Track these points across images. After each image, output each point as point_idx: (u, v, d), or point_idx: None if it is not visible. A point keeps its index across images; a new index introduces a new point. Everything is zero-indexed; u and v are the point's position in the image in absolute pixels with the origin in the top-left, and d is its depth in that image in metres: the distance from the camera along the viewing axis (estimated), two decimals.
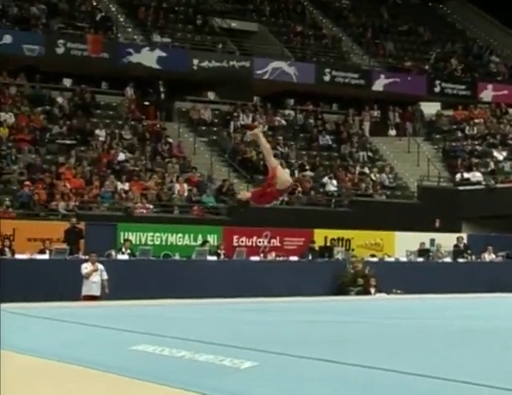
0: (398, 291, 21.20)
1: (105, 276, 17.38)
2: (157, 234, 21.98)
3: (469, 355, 7.88)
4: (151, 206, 24.10)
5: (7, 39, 27.17)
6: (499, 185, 29.79)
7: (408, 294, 20.37)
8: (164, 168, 26.17)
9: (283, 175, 9.79)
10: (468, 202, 28.83)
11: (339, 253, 22.34)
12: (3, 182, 23.44)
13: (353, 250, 24.00)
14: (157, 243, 21.82)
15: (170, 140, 28.00)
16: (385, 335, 9.73)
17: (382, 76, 33.65)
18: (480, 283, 21.86)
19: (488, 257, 24.46)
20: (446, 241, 24.67)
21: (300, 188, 27.02)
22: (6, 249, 18.99)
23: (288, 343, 8.44)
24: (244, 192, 10.61)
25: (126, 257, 19.53)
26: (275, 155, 28.41)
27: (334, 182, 28.01)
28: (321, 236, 23.82)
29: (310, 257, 21.93)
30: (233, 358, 7.07)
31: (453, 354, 7.90)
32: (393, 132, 33.77)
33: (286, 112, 32.08)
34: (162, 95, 29.85)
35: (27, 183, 22.88)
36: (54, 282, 17.41)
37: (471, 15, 41.29)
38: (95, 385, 6.39)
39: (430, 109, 34.74)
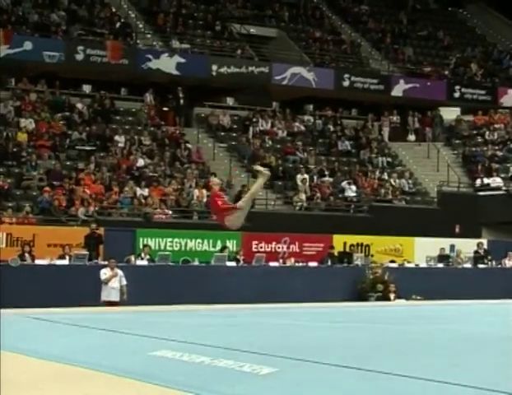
0: (418, 297, 21.11)
1: (124, 282, 17.43)
2: (176, 240, 22.02)
3: (492, 362, 7.85)
4: (170, 212, 24.14)
5: (28, 45, 27.32)
6: None
7: (428, 300, 20.30)
8: (183, 173, 26.22)
9: (237, 220, 9.61)
10: (488, 208, 28.68)
11: (358, 259, 22.27)
12: (23, 188, 23.58)
13: (372, 256, 23.92)
14: (176, 248, 21.85)
15: (189, 145, 28.06)
16: (406, 341, 9.70)
17: (401, 81, 33.55)
18: (500, 289, 21.74)
19: (509, 263, 24.31)
20: (466, 247, 24.57)
21: (318, 194, 27.00)
22: (27, 255, 19.08)
23: (308, 349, 8.43)
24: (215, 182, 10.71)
25: (145, 262, 19.58)
26: (293, 161, 28.59)
27: (353, 187, 27.95)
28: (340, 242, 23.77)
29: (329, 263, 21.89)
30: (252, 364, 7.07)
31: (475, 361, 7.86)
32: (412, 138, 33.64)
33: (305, 117, 32.06)
34: (181, 101, 29.92)
35: (47, 188, 22.99)
36: (74, 288, 17.47)
37: (491, 19, 41.10)
38: (114, 391, 6.41)
39: (449, 114, 34.60)
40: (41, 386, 6.47)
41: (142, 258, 19.80)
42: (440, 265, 22.97)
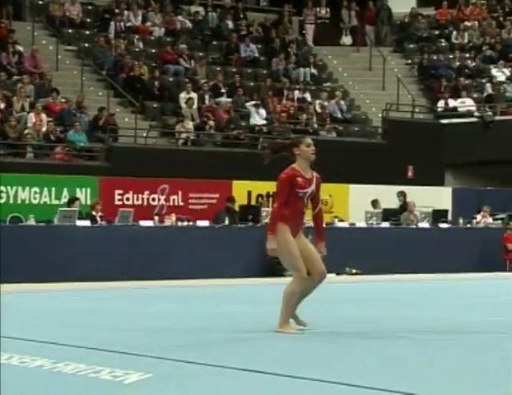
0: (354, 271, 21.42)
1: None
2: (1, 189, 21.79)
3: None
4: None
5: None
6: (498, 117, 30.07)
7: (370, 274, 20.62)
8: (10, 90, 25.89)
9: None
10: (455, 142, 29.10)
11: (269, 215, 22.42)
12: None
13: None
14: (1, 201, 21.63)
15: (20, 48, 27.65)
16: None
17: None
18: (469, 258, 22.38)
19: (483, 220, 24.81)
20: (422, 198, 24.88)
21: (212, 122, 26.99)
22: None
23: (187, 343, 8.50)
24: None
25: None
26: (175, 73, 28.42)
27: (263, 112, 28.03)
28: (243, 190, 23.86)
29: (227, 222, 22.00)
30: (114, 368, 7.09)
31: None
32: (347, 40, 33.87)
33: (192, 8, 31.91)
34: None
35: None
36: None
37: None
38: None
39: (401, 6, 34.89)
40: None
41: None
42: (386, 224, 23.17)
